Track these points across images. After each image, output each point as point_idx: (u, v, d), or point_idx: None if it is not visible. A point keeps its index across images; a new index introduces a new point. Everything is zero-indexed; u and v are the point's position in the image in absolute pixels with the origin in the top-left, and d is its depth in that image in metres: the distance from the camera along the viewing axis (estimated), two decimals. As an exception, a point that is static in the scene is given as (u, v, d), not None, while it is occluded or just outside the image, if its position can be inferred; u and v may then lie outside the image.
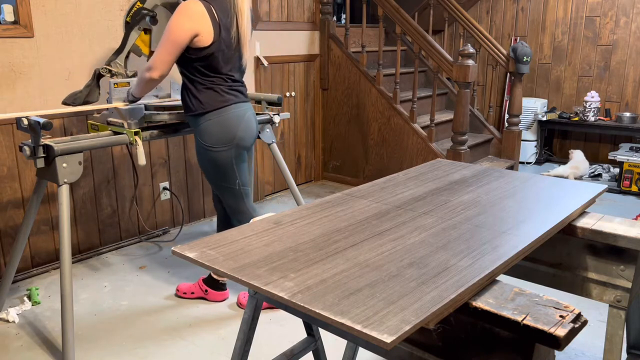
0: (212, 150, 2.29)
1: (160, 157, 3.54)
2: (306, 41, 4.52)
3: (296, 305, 0.99)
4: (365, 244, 1.27)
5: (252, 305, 1.46)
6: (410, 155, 4.27)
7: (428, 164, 2.07)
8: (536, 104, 5.33)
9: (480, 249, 1.23)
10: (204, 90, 2.27)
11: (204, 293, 2.68)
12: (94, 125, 2.59)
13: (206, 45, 2.19)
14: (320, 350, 1.78)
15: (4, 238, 2.87)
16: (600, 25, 5.12)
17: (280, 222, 1.43)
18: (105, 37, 3.12)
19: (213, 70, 2.26)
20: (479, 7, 5.80)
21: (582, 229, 1.57)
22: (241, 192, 2.39)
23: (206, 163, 2.34)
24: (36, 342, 2.36)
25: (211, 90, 2.28)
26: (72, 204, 3.11)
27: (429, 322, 0.96)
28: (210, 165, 2.33)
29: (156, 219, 3.59)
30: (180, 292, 2.72)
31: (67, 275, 2.14)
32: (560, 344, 0.95)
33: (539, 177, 1.89)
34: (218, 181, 2.37)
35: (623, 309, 1.55)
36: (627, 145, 4.75)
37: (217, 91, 2.29)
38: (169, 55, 2.18)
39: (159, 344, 2.34)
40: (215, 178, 2.37)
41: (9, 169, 2.84)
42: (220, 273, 1.14)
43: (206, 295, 2.68)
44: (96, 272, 3.06)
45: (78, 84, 2.99)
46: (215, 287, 2.67)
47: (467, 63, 3.70)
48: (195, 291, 2.69)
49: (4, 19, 2.74)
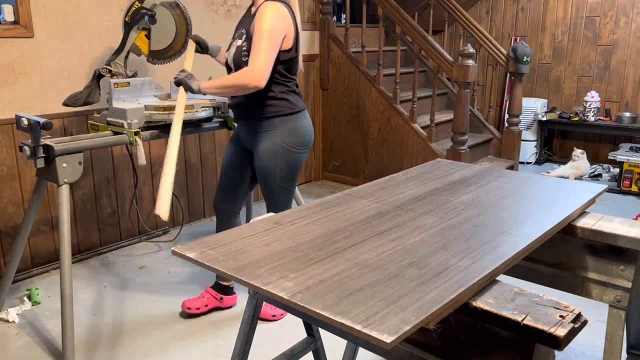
0: (294, 151, 2.27)
1: (160, 157, 3.54)
2: (306, 41, 4.52)
3: (296, 305, 0.99)
4: (365, 244, 1.27)
5: (252, 305, 1.46)
6: (410, 155, 4.27)
7: (428, 164, 2.07)
8: (536, 104, 5.33)
9: (480, 249, 1.23)
10: (288, 92, 2.25)
11: (220, 302, 2.59)
12: (94, 125, 2.59)
13: (290, 47, 2.19)
14: (320, 350, 1.78)
15: (4, 238, 2.87)
16: (600, 25, 5.12)
17: (280, 222, 1.43)
18: (105, 37, 3.12)
19: (292, 72, 2.26)
20: (479, 7, 5.80)
21: (582, 229, 1.57)
22: (292, 194, 2.39)
23: (282, 164, 2.26)
24: (36, 342, 2.36)
25: (294, 93, 2.28)
26: (72, 204, 3.11)
27: (429, 322, 0.96)
28: (285, 167, 2.27)
29: (156, 219, 3.59)
30: (193, 308, 2.55)
31: (67, 275, 2.14)
32: (560, 344, 0.95)
33: (539, 177, 1.89)
34: (283, 183, 2.30)
35: (623, 309, 1.55)
36: (627, 145, 4.75)
37: (298, 94, 2.31)
38: (273, 60, 2.11)
39: (159, 344, 2.34)
40: (282, 180, 2.29)
41: (9, 169, 2.84)
42: (220, 273, 1.14)
43: (222, 303, 2.60)
44: (96, 272, 3.06)
45: (78, 83, 2.99)
46: (227, 292, 2.62)
47: (467, 63, 3.70)
48: (209, 303, 2.58)
49: (4, 19, 2.74)
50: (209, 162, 3.86)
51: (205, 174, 3.85)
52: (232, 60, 2.27)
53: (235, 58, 2.25)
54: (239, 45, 2.23)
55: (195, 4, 3.53)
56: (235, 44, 2.26)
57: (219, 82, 2.19)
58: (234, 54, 2.25)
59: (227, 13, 3.79)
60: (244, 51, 2.20)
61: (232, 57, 2.26)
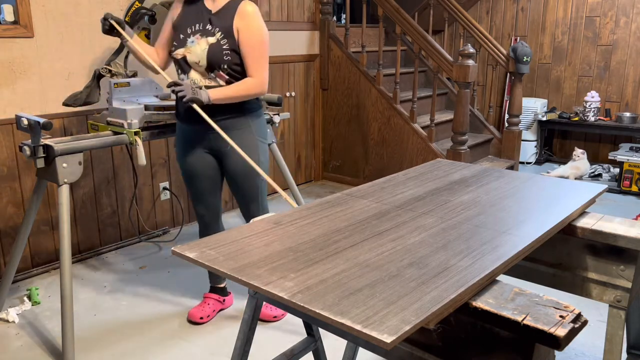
0: (265, 143, 2.35)
1: (160, 157, 3.54)
2: (306, 41, 4.52)
3: (296, 305, 0.99)
4: (365, 244, 1.27)
5: (252, 305, 1.46)
6: (410, 155, 4.27)
7: (428, 164, 2.07)
8: (536, 104, 5.32)
9: (480, 249, 1.23)
10: None
11: (223, 303, 2.62)
12: (94, 125, 2.59)
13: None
14: (320, 350, 1.78)
15: (4, 238, 2.87)
16: (600, 25, 5.12)
17: (280, 222, 1.43)
18: (105, 37, 3.12)
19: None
20: (479, 7, 5.80)
21: (582, 229, 1.57)
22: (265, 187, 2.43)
23: (262, 158, 2.32)
24: (36, 342, 2.36)
25: None
26: (72, 204, 3.11)
27: (429, 322, 0.96)
28: (265, 159, 2.34)
29: (156, 219, 3.59)
30: (205, 317, 2.51)
31: (67, 275, 2.14)
32: (560, 344, 0.95)
33: (539, 177, 1.89)
34: (260, 176, 2.33)
35: (623, 309, 1.55)
36: (627, 145, 4.75)
37: None
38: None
39: (159, 344, 2.34)
40: (263, 172, 2.25)
41: (9, 169, 2.84)
42: (220, 273, 1.14)
43: (224, 304, 2.63)
44: (96, 272, 3.06)
45: (78, 83, 2.99)
46: (225, 293, 2.63)
47: (467, 63, 3.70)
48: (215, 307, 2.57)
49: (4, 19, 2.74)
50: (209, 162, 3.85)
51: (205, 174, 3.84)
52: (206, 57, 2.15)
53: (214, 55, 2.14)
54: (215, 43, 2.13)
55: (195, 4, 3.53)
56: (207, 40, 2.14)
57: (228, 92, 2.15)
58: (213, 51, 2.14)
59: (227, 13, 3.79)
60: (226, 49, 2.14)
61: (206, 54, 2.14)
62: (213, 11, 2.19)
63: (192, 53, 2.17)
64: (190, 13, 2.22)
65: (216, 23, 2.17)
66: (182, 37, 2.20)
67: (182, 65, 2.23)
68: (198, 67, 2.18)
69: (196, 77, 2.21)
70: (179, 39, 2.21)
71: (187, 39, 2.19)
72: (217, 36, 2.15)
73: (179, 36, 2.21)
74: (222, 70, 2.17)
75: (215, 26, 2.16)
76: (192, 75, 2.21)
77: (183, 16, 2.23)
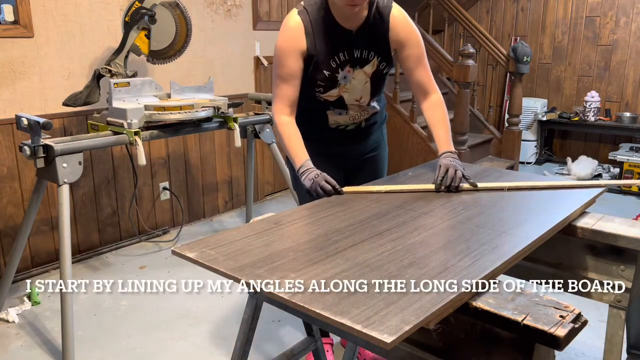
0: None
1: (160, 157, 3.54)
2: (306, 41, 4.51)
3: (296, 305, 0.99)
4: (365, 244, 1.27)
5: (252, 305, 1.46)
6: (410, 155, 4.27)
7: (428, 164, 2.07)
8: (536, 104, 5.32)
9: (480, 249, 1.23)
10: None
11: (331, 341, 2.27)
12: (94, 125, 2.59)
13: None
14: (320, 350, 1.78)
15: (4, 238, 2.87)
16: (600, 25, 5.12)
17: (280, 222, 1.43)
18: (105, 37, 3.12)
19: None
20: (479, 7, 5.80)
21: (582, 229, 1.57)
22: None
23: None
24: (36, 342, 2.36)
25: None
26: (72, 204, 3.11)
27: (429, 322, 0.96)
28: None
29: (156, 219, 3.59)
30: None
31: (67, 275, 2.14)
32: (561, 344, 0.95)
33: (539, 177, 1.89)
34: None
35: (623, 309, 1.55)
36: (627, 145, 4.75)
37: None
38: None
39: (159, 344, 2.34)
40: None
41: (9, 169, 2.84)
42: (220, 273, 1.14)
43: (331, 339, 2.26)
44: (96, 272, 3.06)
45: (78, 83, 2.99)
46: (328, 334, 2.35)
47: (467, 63, 3.70)
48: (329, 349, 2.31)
49: (4, 19, 2.74)
50: (209, 162, 3.86)
51: (205, 174, 3.85)
52: (369, 92, 1.86)
53: (378, 87, 1.88)
54: (376, 71, 1.82)
55: (195, 4, 3.53)
56: (364, 70, 1.81)
57: (448, 126, 1.92)
58: (376, 83, 1.85)
59: (227, 13, 3.79)
60: (386, 73, 1.87)
61: (370, 88, 1.85)
62: (354, 31, 1.75)
63: (351, 91, 1.82)
64: (324, 41, 1.74)
65: (364, 45, 1.77)
66: (328, 74, 1.77)
67: (333, 104, 1.85)
68: (357, 103, 1.86)
69: (355, 114, 1.89)
70: (325, 77, 1.77)
71: (335, 75, 1.78)
72: (374, 62, 1.80)
73: (322, 73, 1.77)
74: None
75: (365, 49, 1.78)
76: (351, 113, 1.88)
77: (317, 48, 1.74)
